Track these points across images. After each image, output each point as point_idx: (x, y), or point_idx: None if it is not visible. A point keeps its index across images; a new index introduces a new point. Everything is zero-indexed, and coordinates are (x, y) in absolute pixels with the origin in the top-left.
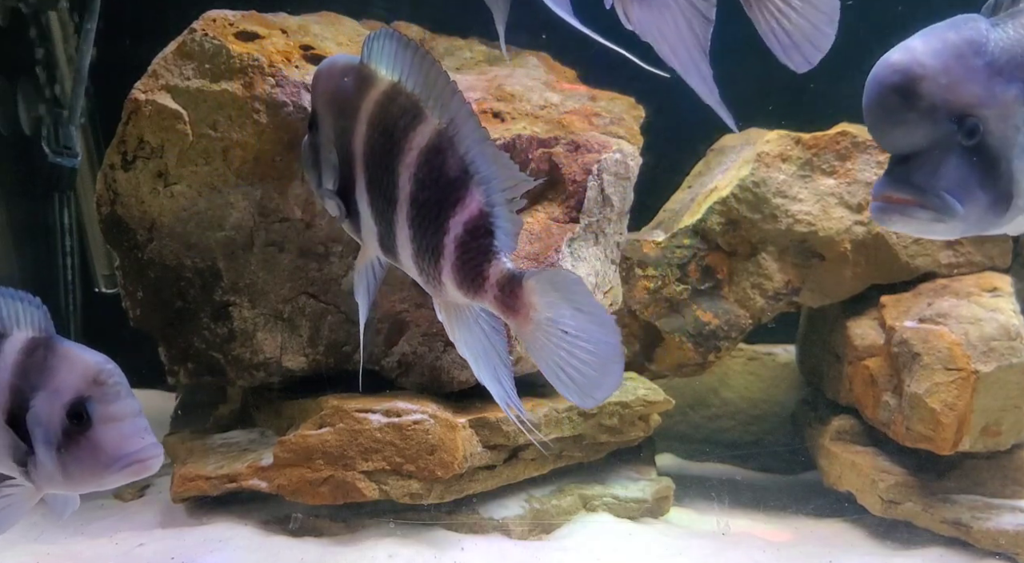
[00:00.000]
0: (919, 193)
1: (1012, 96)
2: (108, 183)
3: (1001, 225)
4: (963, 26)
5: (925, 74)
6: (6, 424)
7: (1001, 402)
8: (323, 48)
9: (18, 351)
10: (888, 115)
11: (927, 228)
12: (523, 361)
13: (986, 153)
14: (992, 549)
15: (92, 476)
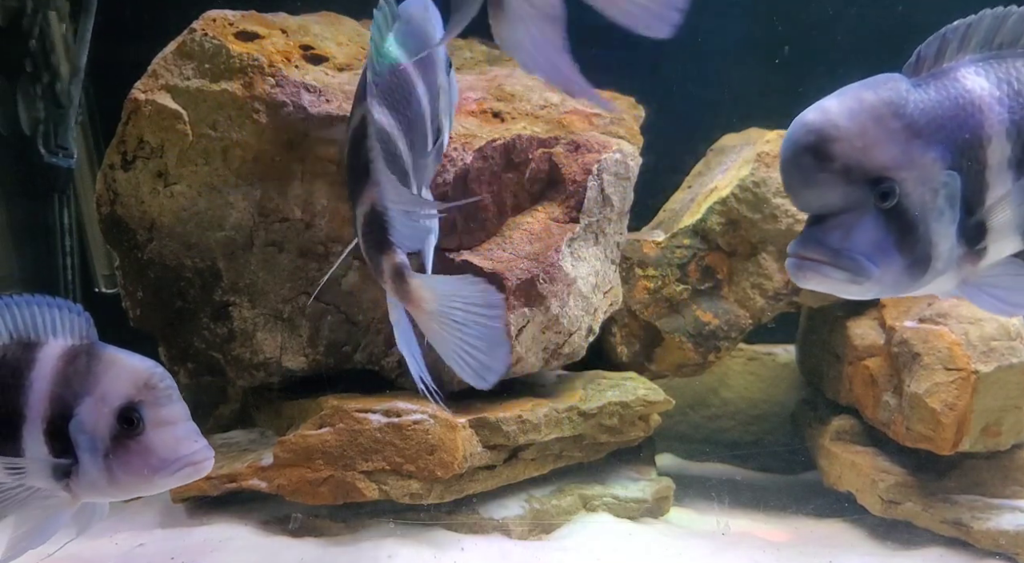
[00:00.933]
0: (832, 254)
1: (931, 159)
2: (108, 183)
3: (920, 287)
4: (882, 86)
5: (839, 136)
6: (46, 434)
7: (1001, 402)
8: (323, 48)
9: (57, 359)
10: (801, 175)
11: (842, 288)
12: (522, 361)
13: (903, 216)
14: (992, 549)
15: (142, 481)
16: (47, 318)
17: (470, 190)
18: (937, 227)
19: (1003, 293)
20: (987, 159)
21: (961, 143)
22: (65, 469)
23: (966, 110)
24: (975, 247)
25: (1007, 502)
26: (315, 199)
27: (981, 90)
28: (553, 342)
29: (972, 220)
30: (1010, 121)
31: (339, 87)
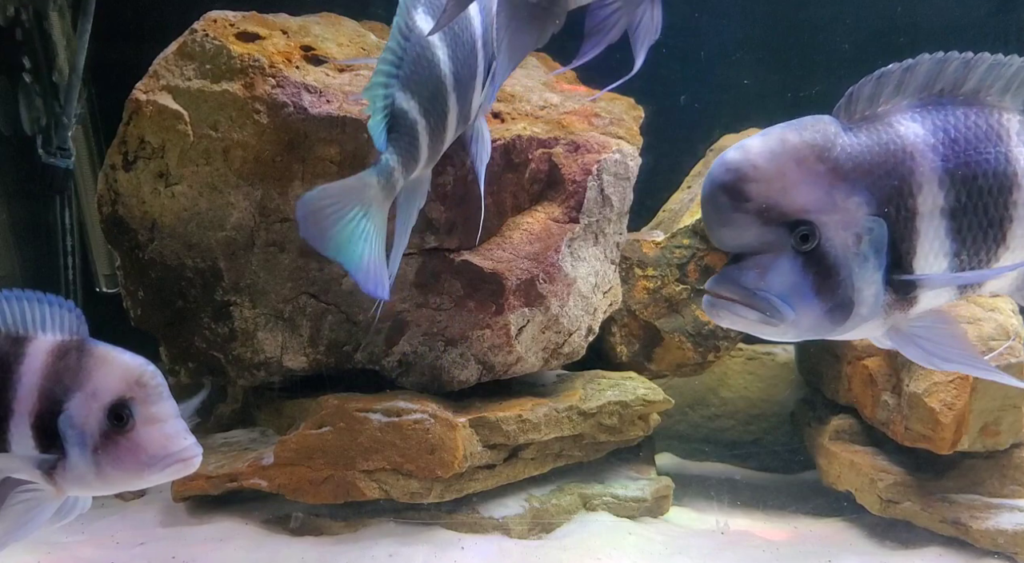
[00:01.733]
0: (745, 294)
1: (855, 204)
2: (109, 183)
3: (845, 332)
4: (809, 128)
5: (756, 176)
6: (33, 428)
7: (999, 402)
8: (323, 49)
9: (46, 354)
10: (717, 214)
11: (756, 328)
12: (522, 361)
13: (823, 260)
14: (991, 548)
15: (130, 476)
16: (37, 313)
17: (470, 191)
18: (861, 273)
19: (932, 347)
20: (917, 207)
21: (889, 189)
22: (52, 463)
23: (896, 156)
24: (906, 295)
25: (1006, 501)
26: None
27: (915, 136)
28: (553, 342)
29: (900, 268)
30: (943, 169)
31: (339, 88)
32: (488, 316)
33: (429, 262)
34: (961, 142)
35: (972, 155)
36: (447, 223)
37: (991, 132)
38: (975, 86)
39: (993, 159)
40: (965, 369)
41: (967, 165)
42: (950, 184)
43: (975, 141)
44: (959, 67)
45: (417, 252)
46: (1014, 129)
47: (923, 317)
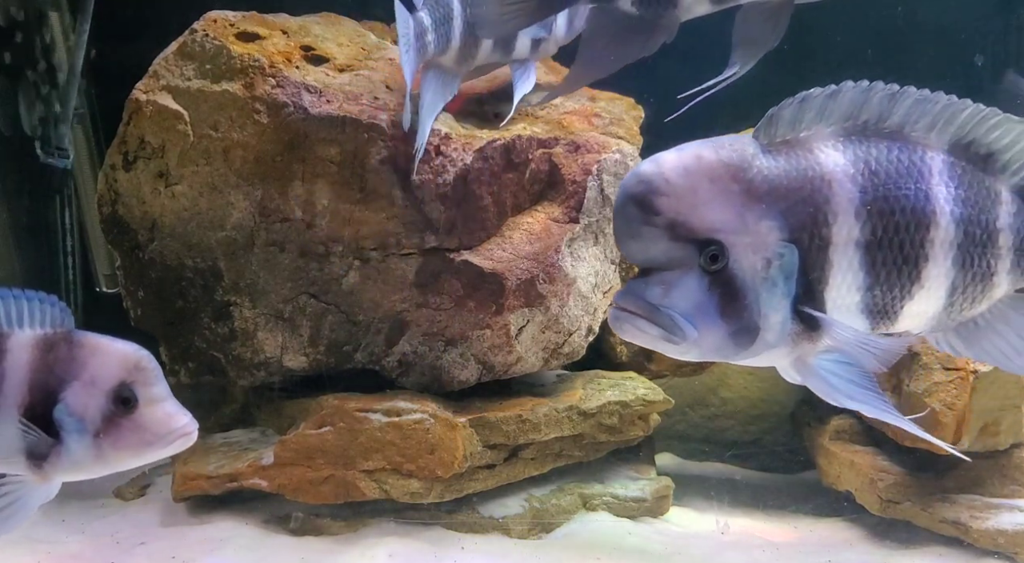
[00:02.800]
0: (649, 309)
1: (767, 227)
2: (109, 183)
3: (750, 356)
4: (726, 147)
5: (667, 191)
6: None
7: (999, 402)
8: (323, 49)
9: (31, 348)
10: (626, 226)
11: (659, 345)
12: (522, 361)
13: (731, 282)
14: (991, 548)
15: (131, 456)
16: (13, 310)
17: (470, 191)
18: (769, 299)
19: (837, 382)
20: (831, 237)
21: (804, 216)
22: (44, 451)
23: (814, 183)
24: (813, 327)
25: (1005, 501)
26: (316, 199)
27: (834, 165)
28: (553, 342)
29: (811, 298)
30: (861, 201)
31: (340, 88)
32: (488, 316)
33: (429, 262)
34: (881, 175)
35: (892, 189)
36: (447, 223)
37: (913, 168)
38: (900, 120)
39: (913, 195)
40: (867, 410)
41: (886, 199)
42: (867, 217)
43: (896, 176)
44: (884, 99)
45: (417, 252)
46: (936, 167)
47: (830, 351)
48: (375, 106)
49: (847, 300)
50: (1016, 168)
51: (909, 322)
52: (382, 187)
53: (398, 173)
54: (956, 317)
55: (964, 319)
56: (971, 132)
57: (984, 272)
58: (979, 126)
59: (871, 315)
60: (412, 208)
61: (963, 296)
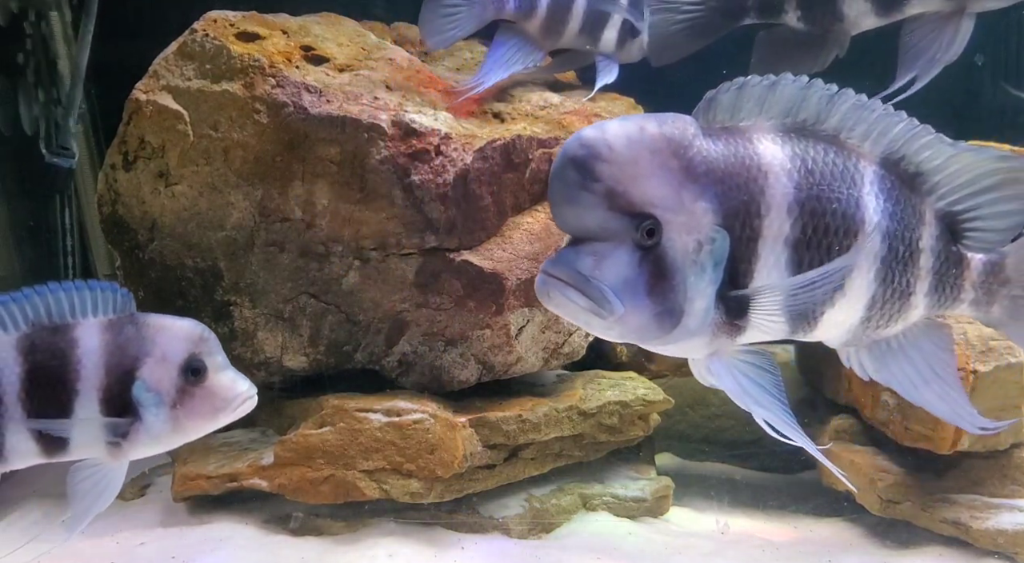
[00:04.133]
0: (579, 279)
1: (701, 209)
2: (109, 183)
3: (671, 343)
4: (669, 123)
5: (609, 157)
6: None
7: (1000, 402)
8: (323, 49)
9: (100, 334)
10: (564, 190)
11: (584, 317)
12: (522, 361)
13: (662, 260)
14: (991, 548)
15: (204, 423)
16: (77, 300)
17: (470, 191)
18: (696, 283)
19: (748, 385)
20: (762, 229)
21: (738, 204)
22: (124, 430)
23: (751, 172)
24: (735, 319)
25: (1006, 501)
26: (316, 199)
27: (772, 158)
28: (553, 342)
29: (736, 289)
30: (795, 198)
31: (340, 87)
32: (488, 316)
33: (429, 262)
34: (817, 175)
35: (825, 191)
36: (447, 223)
37: (847, 174)
38: (837, 125)
39: (845, 201)
40: (772, 419)
41: (819, 199)
42: (799, 214)
43: (830, 178)
44: (822, 100)
45: (417, 252)
46: (868, 177)
47: (747, 353)
48: (375, 106)
49: (770, 299)
50: (943, 193)
51: (826, 331)
52: (382, 187)
53: (398, 173)
54: (871, 333)
55: (878, 337)
56: (903, 148)
57: (903, 290)
58: (911, 143)
59: (792, 318)
60: (412, 208)
61: (881, 311)
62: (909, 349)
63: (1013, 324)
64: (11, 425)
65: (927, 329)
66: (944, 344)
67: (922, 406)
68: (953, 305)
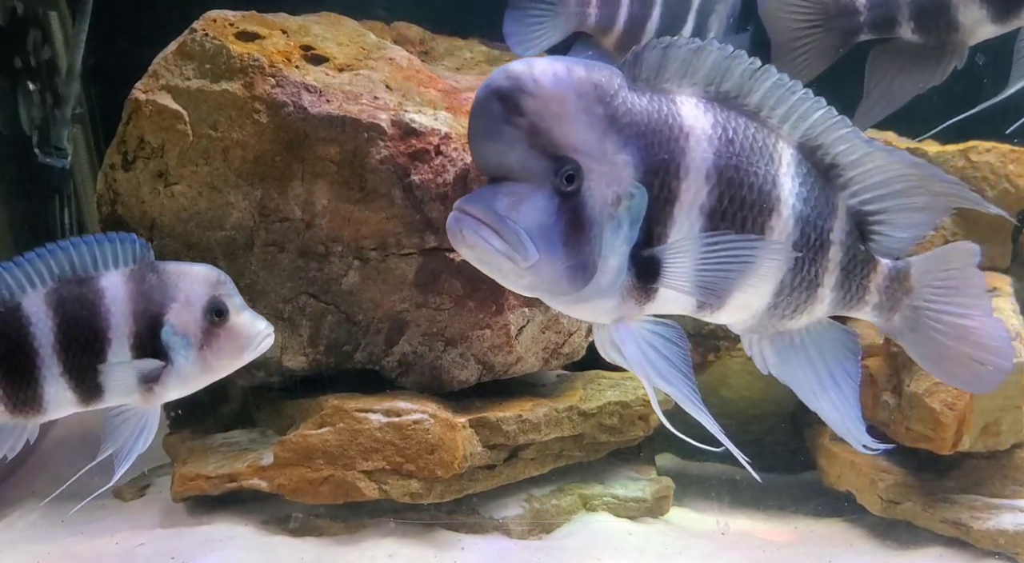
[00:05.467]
0: (497, 219)
1: (623, 162)
2: (108, 183)
3: (580, 301)
4: (596, 69)
5: (536, 92)
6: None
7: (1000, 402)
8: (323, 48)
9: (125, 283)
10: (486, 123)
11: (497, 262)
12: (522, 361)
13: (580, 210)
14: (992, 549)
15: (231, 360)
16: (98, 253)
17: (470, 190)
18: (611, 239)
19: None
20: (680, 192)
21: (658, 162)
22: (157, 373)
23: (673, 132)
24: (645, 284)
25: (1007, 502)
26: (315, 199)
27: (695, 121)
28: (553, 342)
29: (648, 252)
30: (714, 165)
31: (339, 87)
32: (488, 316)
33: (429, 262)
34: (737, 146)
35: (744, 164)
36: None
37: (766, 151)
38: (759, 102)
39: (762, 177)
40: (675, 394)
41: (737, 170)
42: (716, 182)
43: (750, 152)
44: (745, 73)
45: (417, 252)
46: (786, 159)
47: (655, 323)
48: (375, 106)
49: (681, 267)
50: (855, 190)
51: (733, 313)
52: (382, 187)
53: (398, 173)
54: (775, 323)
55: (783, 328)
56: (820, 137)
57: (812, 281)
58: (828, 133)
59: (700, 290)
60: (412, 208)
61: (788, 299)
62: (811, 349)
63: (912, 335)
64: (48, 376)
65: (833, 333)
66: (849, 353)
67: (816, 411)
68: (857, 306)
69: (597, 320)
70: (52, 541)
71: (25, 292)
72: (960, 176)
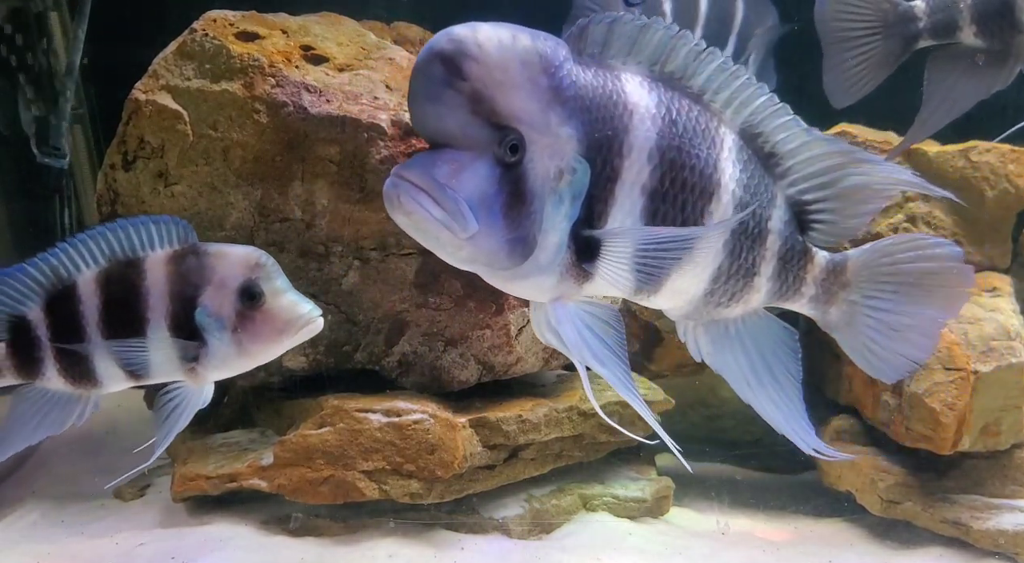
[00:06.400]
0: (437, 187)
1: (566, 135)
2: (109, 183)
3: (519, 277)
4: (542, 39)
5: (480, 57)
6: (170, 330)
7: (1000, 402)
8: (323, 48)
9: (165, 264)
10: (427, 86)
11: (435, 232)
12: (522, 361)
13: (521, 182)
14: (991, 549)
15: (268, 345)
16: (144, 234)
17: None
18: (552, 214)
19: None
20: (622, 170)
21: (602, 138)
22: (194, 353)
23: (617, 108)
24: (584, 263)
25: (1006, 502)
26: (315, 199)
27: (639, 99)
28: None
29: (589, 232)
30: (657, 145)
31: (339, 87)
32: (488, 316)
33: (429, 262)
34: (680, 128)
35: (687, 146)
36: None
37: (708, 134)
38: (703, 85)
39: (704, 160)
40: (609, 377)
41: (679, 151)
42: (659, 162)
43: (693, 134)
44: (690, 55)
45: (417, 252)
46: (728, 144)
47: (593, 305)
48: (375, 106)
49: (620, 248)
50: (794, 179)
51: (670, 298)
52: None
53: None
54: (711, 311)
55: (718, 316)
56: (761, 124)
57: (748, 269)
58: (769, 120)
59: (639, 273)
60: None
61: (724, 287)
62: (747, 339)
63: (847, 330)
64: (98, 352)
65: (770, 326)
66: (787, 350)
67: (753, 405)
68: (793, 298)
69: (534, 298)
70: (52, 541)
71: (80, 271)
72: (960, 176)
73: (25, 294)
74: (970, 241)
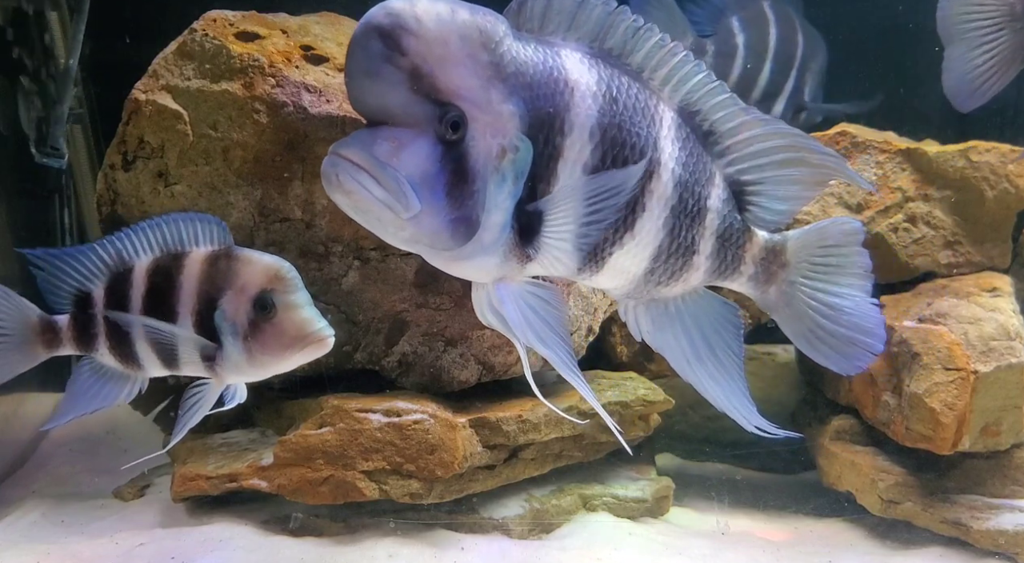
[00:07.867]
0: (377, 165)
1: (508, 112)
2: (108, 183)
3: (463, 257)
4: (481, 14)
5: (418, 32)
6: (195, 326)
7: (1000, 402)
8: (323, 48)
9: (200, 263)
10: (365, 61)
11: (377, 212)
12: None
13: (463, 160)
14: (991, 549)
15: (276, 359)
16: (189, 231)
17: None
18: (495, 193)
19: (532, 317)
20: (564, 148)
21: (543, 115)
22: (212, 353)
23: (558, 85)
24: (527, 243)
25: (1006, 502)
26: (315, 199)
27: (579, 76)
28: None
29: (532, 205)
30: (598, 122)
31: (339, 87)
32: None
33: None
34: (620, 105)
35: (627, 124)
36: None
37: (648, 112)
38: (641, 62)
39: (644, 138)
40: (552, 358)
41: (620, 129)
42: (600, 140)
43: (632, 112)
44: (628, 31)
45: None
46: (667, 122)
47: (535, 285)
48: None
49: (563, 228)
50: (732, 158)
51: (612, 277)
52: None
53: None
54: (651, 289)
55: (658, 296)
56: (699, 102)
57: (688, 247)
58: (707, 98)
59: (580, 252)
60: None
61: (664, 265)
62: (687, 318)
63: (785, 310)
64: (136, 333)
65: (710, 303)
66: (728, 325)
67: (693, 384)
68: (732, 277)
69: (477, 279)
70: (52, 541)
71: (138, 257)
72: (960, 176)
73: (92, 272)
74: (970, 241)
